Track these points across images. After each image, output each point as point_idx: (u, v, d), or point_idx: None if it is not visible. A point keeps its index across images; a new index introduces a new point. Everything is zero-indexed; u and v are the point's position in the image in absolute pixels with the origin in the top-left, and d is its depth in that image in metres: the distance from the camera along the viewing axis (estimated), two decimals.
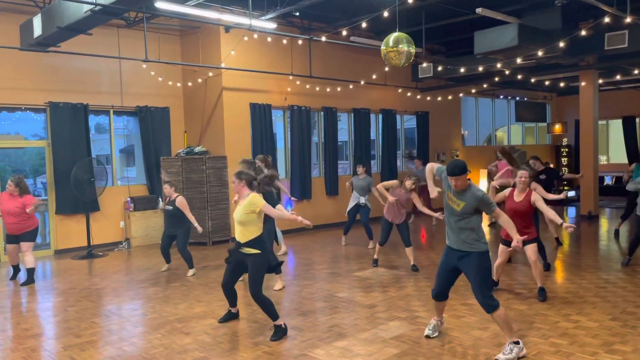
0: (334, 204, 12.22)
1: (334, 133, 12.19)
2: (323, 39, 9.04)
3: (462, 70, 11.09)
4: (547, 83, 15.04)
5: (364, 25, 8.57)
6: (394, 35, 6.69)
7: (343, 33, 9.99)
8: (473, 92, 15.56)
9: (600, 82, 13.46)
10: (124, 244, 9.99)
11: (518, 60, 9.76)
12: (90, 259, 8.97)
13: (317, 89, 11.69)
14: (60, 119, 9.41)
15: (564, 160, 18.30)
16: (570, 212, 13.91)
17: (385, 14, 7.63)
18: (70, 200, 9.44)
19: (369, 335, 4.85)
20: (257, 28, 8.39)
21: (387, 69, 11.88)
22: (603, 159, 18.22)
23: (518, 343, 4.19)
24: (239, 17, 8.83)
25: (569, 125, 18.45)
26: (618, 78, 13.63)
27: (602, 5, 7.38)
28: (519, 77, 12.86)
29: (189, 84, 10.86)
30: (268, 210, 4.90)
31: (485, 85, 14.65)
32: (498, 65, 10.80)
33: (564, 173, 13.75)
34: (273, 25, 8.91)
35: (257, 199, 4.87)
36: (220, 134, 10.42)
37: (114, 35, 9.95)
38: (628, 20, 7.33)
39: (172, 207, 7.42)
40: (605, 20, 7.72)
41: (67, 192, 9.32)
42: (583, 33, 8.38)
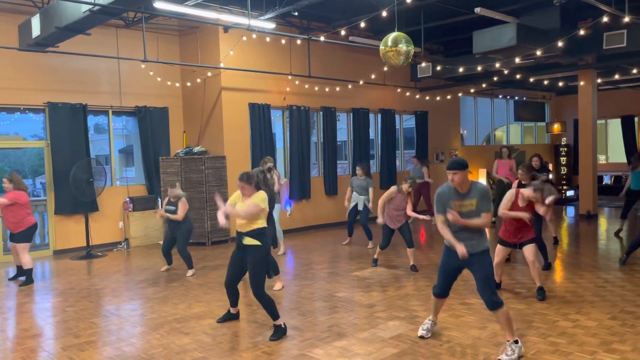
0: (333, 204, 12.22)
1: (333, 133, 12.19)
2: (322, 39, 9.04)
3: (460, 70, 11.09)
4: (545, 82, 15.06)
5: (363, 25, 8.57)
6: (393, 35, 6.69)
7: (342, 33, 10.00)
8: (472, 91, 15.56)
9: (599, 81, 13.47)
10: (123, 244, 9.98)
11: (517, 60, 9.77)
12: (89, 260, 8.97)
13: (316, 89, 11.69)
14: (59, 119, 9.41)
15: (563, 160, 18.31)
16: (570, 211, 13.93)
17: (384, 14, 7.63)
18: (69, 201, 9.43)
19: (368, 335, 4.85)
20: (255, 28, 8.39)
21: (385, 69, 11.89)
22: (602, 159, 18.23)
23: (517, 342, 4.20)
24: (238, 17, 8.83)
25: (568, 125, 18.45)
26: (617, 77, 13.64)
27: (600, 5, 7.39)
28: (518, 76, 12.87)
29: (188, 84, 10.85)
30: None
31: (484, 85, 14.66)
32: (497, 65, 10.81)
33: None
34: (272, 25, 8.91)
35: (264, 196, 4.91)
36: (219, 134, 10.42)
37: (113, 36, 9.95)
38: (626, 20, 7.34)
39: (174, 207, 7.43)
40: (604, 20, 7.73)
41: (66, 192, 9.32)
42: (582, 32, 8.39)
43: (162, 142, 10.71)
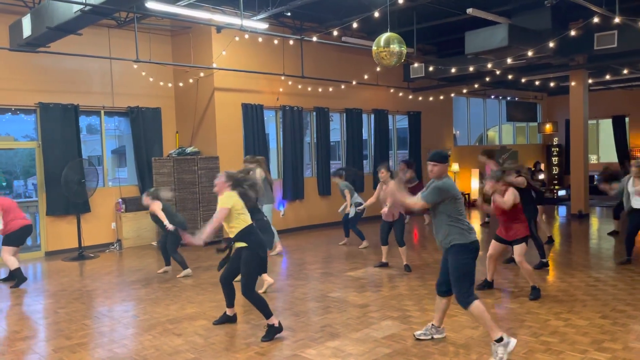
0: (327, 204, 12.22)
1: (326, 133, 12.20)
2: (314, 39, 9.04)
3: (453, 71, 11.13)
4: (537, 83, 15.14)
5: (355, 26, 8.58)
6: (386, 36, 6.70)
7: (334, 33, 10.00)
8: (464, 92, 15.62)
9: (590, 82, 13.55)
10: (115, 246, 9.94)
11: (509, 61, 9.82)
12: (81, 261, 8.92)
13: (309, 89, 11.69)
14: (51, 120, 9.35)
15: (555, 160, 18.42)
16: (561, 211, 14.00)
17: (377, 14, 7.65)
18: (61, 202, 9.38)
19: (361, 335, 4.86)
20: (248, 28, 8.38)
21: (378, 69, 11.91)
22: (593, 159, 18.34)
23: (501, 340, 4.09)
24: (231, 17, 8.82)
25: (560, 125, 18.57)
26: (608, 78, 13.74)
27: (591, 6, 7.43)
28: (510, 77, 12.93)
29: (181, 85, 10.82)
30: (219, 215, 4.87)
31: (477, 85, 14.71)
32: (489, 66, 10.86)
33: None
34: (264, 26, 8.90)
35: (226, 197, 4.87)
36: (212, 135, 10.40)
37: (105, 36, 9.90)
38: (617, 21, 7.39)
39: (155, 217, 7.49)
40: (595, 21, 7.78)
41: (57, 193, 9.27)
42: (573, 33, 8.44)
43: (154, 142, 10.67)
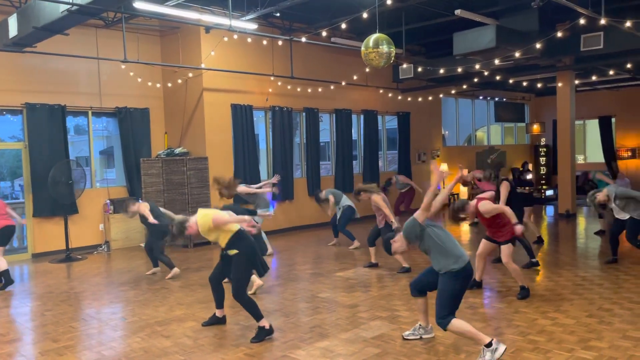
0: (316, 205, 12.18)
1: (316, 134, 12.20)
2: (303, 40, 9.04)
3: (441, 71, 11.18)
4: (525, 84, 15.25)
5: (344, 26, 8.60)
6: (374, 37, 6.72)
7: (323, 34, 10.00)
8: (453, 92, 15.70)
9: (577, 82, 13.68)
10: (103, 247, 9.86)
11: (496, 61, 9.87)
12: (69, 263, 8.84)
13: (298, 90, 11.68)
14: (38, 121, 9.26)
15: (543, 160, 18.57)
16: (549, 210, 14.13)
17: (365, 15, 7.66)
18: (48, 203, 9.30)
19: (351, 335, 4.87)
20: (237, 29, 8.36)
21: (367, 70, 11.92)
22: (580, 159, 18.53)
23: (490, 345, 4.04)
24: (219, 17, 8.79)
25: (547, 125, 18.74)
26: (594, 79, 13.88)
27: (577, 7, 7.50)
28: (498, 78, 13.02)
29: (169, 85, 10.77)
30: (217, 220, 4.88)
31: (465, 86, 14.79)
32: (477, 66, 10.92)
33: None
34: (253, 26, 8.89)
35: (202, 219, 4.86)
36: (201, 135, 10.35)
37: (92, 36, 9.82)
38: (603, 22, 7.46)
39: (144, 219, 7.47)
40: (581, 22, 7.86)
41: (44, 194, 9.18)
42: (559, 35, 8.51)
43: (143, 143, 10.60)
